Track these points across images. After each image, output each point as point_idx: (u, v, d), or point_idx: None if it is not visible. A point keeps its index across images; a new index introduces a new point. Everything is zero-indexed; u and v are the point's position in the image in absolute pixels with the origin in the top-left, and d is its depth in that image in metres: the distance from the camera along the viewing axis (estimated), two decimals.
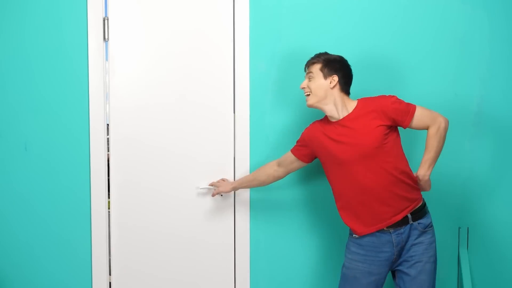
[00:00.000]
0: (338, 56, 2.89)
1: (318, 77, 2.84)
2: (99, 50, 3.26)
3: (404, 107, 2.79)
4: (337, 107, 2.85)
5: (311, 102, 2.87)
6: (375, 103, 2.81)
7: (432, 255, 2.84)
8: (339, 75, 2.85)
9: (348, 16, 3.32)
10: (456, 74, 3.34)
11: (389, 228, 2.81)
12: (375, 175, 2.76)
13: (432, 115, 2.80)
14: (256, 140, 3.34)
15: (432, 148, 2.79)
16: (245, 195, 3.36)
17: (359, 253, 2.87)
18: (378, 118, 2.77)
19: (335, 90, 2.84)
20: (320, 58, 2.87)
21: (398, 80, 3.04)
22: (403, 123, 2.79)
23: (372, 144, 2.75)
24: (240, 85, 3.34)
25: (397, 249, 2.82)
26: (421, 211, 2.84)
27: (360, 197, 2.79)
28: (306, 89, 2.88)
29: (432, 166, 2.82)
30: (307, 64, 2.91)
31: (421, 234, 2.82)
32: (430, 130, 2.79)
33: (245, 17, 3.32)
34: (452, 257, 3.38)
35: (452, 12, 3.33)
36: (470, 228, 3.37)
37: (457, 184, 3.33)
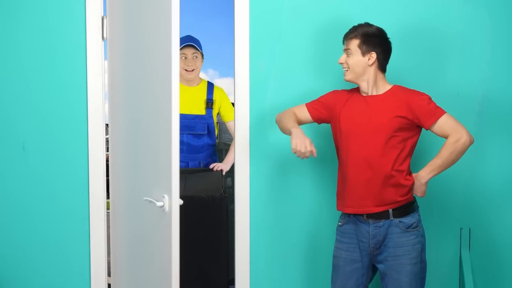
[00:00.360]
0: (378, 29, 2.86)
1: (356, 54, 2.83)
2: (98, 49, 3.24)
3: (432, 108, 2.79)
4: (371, 85, 2.87)
5: (348, 78, 2.89)
6: (406, 95, 2.83)
7: (414, 256, 2.82)
8: (378, 51, 2.84)
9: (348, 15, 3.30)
10: (457, 74, 3.33)
11: (369, 219, 2.83)
12: (373, 159, 2.78)
13: (457, 127, 2.78)
14: (256, 139, 3.34)
15: (442, 156, 2.78)
16: (245, 196, 3.35)
17: (342, 241, 2.92)
18: (402, 109, 2.79)
19: (373, 67, 2.85)
20: (359, 32, 2.84)
21: (396, 80, 3.02)
22: (425, 122, 2.79)
23: (383, 126, 2.77)
24: (240, 83, 3.33)
25: (373, 241, 2.83)
26: (405, 209, 2.83)
27: (352, 174, 2.82)
28: (344, 64, 2.88)
29: (434, 173, 2.81)
30: (345, 37, 2.88)
31: (403, 233, 2.81)
32: (449, 138, 2.78)
33: (245, 15, 3.31)
34: (453, 259, 3.37)
35: (453, 10, 3.33)
36: (472, 229, 3.36)
37: (459, 184, 3.33)
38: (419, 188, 2.83)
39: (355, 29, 2.86)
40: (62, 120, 3.26)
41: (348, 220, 2.91)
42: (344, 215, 2.95)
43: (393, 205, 2.81)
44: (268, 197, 3.36)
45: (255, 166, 3.34)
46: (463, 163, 2.93)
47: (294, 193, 3.36)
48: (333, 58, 3.23)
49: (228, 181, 4.19)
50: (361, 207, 2.83)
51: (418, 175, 2.83)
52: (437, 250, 3.28)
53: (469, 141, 2.78)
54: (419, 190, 2.84)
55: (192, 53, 4.06)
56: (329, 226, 3.33)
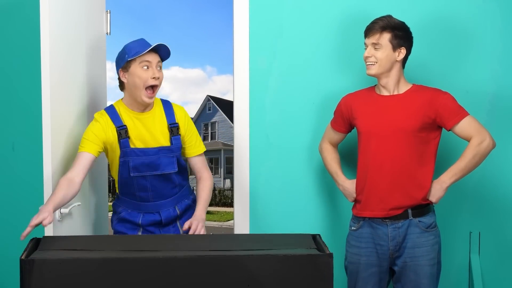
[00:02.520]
0: (403, 23, 2.83)
1: (386, 48, 2.79)
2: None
3: (456, 107, 2.78)
4: (394, 81, 2.84)
5: (374, 72, 2.82)
6: (429, 92, 2.81)
7: (433, 257, 2.83)
8: (406, 47, 2.83)
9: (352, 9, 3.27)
10: (467, 71, 3.29)
11: (386, 220, 2.81)
12: (397, 153, 2.77)
13: (481, 129, 2.77)
14: (256, 139, 3.32)
15: (465, 158, 2.76)
16: (244, 197, 3.29)
17: (358, 246, 2.89)
18: (425, 108, 2.77)
19: (399, 63, 2.83)
20: (389, 25, 2.78)
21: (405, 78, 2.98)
22: (447, 122, 2.76)
23: (406, 127, 2.76)
24: (240, 82, 3.30)
25: (392, 243, 2.82)
26: (423, 208, 2.83)
27: (373, 176, 2.82)
28: (371, 58, 2.81)
29: (456, 177, 2.80)
30: (371, 30, 2.81)
31: (422, 234, 2.81)
32: (472, 140, 2.76)
33: (244, 8, 3.28)
34: (462, 264, 3.34)
35: (462, 5, 3.29)
36: (482, 232, 3.33)
37: (468, 186, 3.29)
38: (437, 193, 2.80)
39: (383, 20, 2.80)
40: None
41: (363, 224, 2.88)
42: (357, 219, 2.91)
43: (413, 206, 2.81)
44: (268, 199, 3.34)
45: (255, 167, 3.32)
46: None
47: (296, 195, 3.34)
48: (337, 54, 3.23)
49: (226, 183, 4.14)
50: (382, 211, 2.81)
51: (440, 179, 2.80)
52: (445, 255, 3.24)
53: (492, 144, 2.77)
54: (437, 196, 2.80)
55: (157, 62, 2.80)
56: (333, 228, 3.31)
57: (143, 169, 2.81)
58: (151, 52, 2.77)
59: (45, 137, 2.53)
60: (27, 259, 1.95)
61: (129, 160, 2.79)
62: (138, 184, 2.83)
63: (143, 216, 2.87)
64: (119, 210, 2.91)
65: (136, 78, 2.74)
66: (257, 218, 3.34)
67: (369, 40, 2.80)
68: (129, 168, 2.79)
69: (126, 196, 2.88)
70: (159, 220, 2.88)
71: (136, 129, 2.81)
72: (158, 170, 2.83)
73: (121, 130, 2.78)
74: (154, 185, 2.85)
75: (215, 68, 69.48)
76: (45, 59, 2.53)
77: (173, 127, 2.87)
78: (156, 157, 2.82)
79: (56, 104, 2.60)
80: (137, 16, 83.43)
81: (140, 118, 2.84)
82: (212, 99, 33.74)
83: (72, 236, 2.49)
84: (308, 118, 3.28)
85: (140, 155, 2.80)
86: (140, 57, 2.74)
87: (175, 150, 2.87)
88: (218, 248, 2.14)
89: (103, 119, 2.78)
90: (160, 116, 2.88)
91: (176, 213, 2.91)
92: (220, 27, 70.44)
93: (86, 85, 3.00)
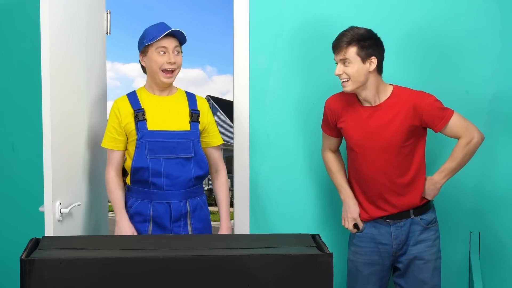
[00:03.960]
0: (369, 31, 2.74)
1: (355, 62, 2.70)
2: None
3: (440, 110, 2.74)
4: (373, 92, 2.77)
5: (350, 89, 2.75)
6: (411, 98, 2.75)
7: (435, 252, 2.86)
8: (377, 55, 2.74)
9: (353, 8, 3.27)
10: (466, 71, 3.29)
11: (389, 220, 2.83)
12: (386, 166, 2.77)
13: (467, 127, 2.76)
14: (256, 139, 3.32)
15: (456, 158, 2.77)
16: (244, 197, 3.29)
17: (360, 245, 2.90)
18: (410, 116, 2.73)
19: (373, 73, 2.75)
20: (353, 38, 2.70)
21: (404, 78, 2.99)
22: (435, 127, 2.76)
23: (393, 140, 2.74)
24: (240, 82, 3.30)
25: (395, 242, 2.84)
26: (424, 206, 2.85)
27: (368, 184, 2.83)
28: (343, 75, 2.75)
29: (448, 177, 2.82)
30: (337, 46, 2.74)
31: (424, 230, 2.84)
32: (460, 140, 2.76)
33: (244, 8, 3.28)
34: (462, 264, 3.35)
35: (462, 5, 3.28)
36: (482, 232, 3.34)
37: (468, 186, 3.30)
38: (432, 192, 2.83)
39: (347, 35, 2.71)
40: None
41: (366, 224, 2.89)
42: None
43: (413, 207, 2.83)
44: (268, 199, 3.34)
45: (255, 167, 3.32)
46: (472, 164, 2.92)
47: (296, 195, 3.35)
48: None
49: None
50: (380, 213, 2.84)
51: (433, 179, 2.81)
52: (445, 255, 3.24)
53: (481, 139, 2.77)
54: (432, 194, 2.84)
55: (174, 47, 2.86)
56: (333, 228, 3.31)
57: (159, 152, 2.83)
58: (168, 37, 2.84)
59: (45, 137, 2.53)
60: (27, 259, 1.95)
61: (145, 141, 2.81)
62: (153, 169, 2.82)
63: (153, 207, 2.84)
64: (130, 202, 2.89)
65: (153, 63, 2.83)
66: (257, 218, 3.35)
67: (337, 57, 2.74)
68: (146, 149, 2.81)
69: (137, 185, 2.86)
70: (168, 212, 2.86)
71: (155, 111, 2.87)
72: (174, 153, 2.85)
73: (138, 112, 2.84)
74: (169, 171, 2.85)
75: (215, 68, 69.37)
76: (45, 59, 2.52)
77: (194, 113, 2.93)
78: (173, 141, 2.86)
79: (56, 104, 2.60)
80: (137, 16, 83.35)
81: (161, 101, 2.91)
82: (212, 99, 33.67)
83: (72, 236, 2.49)
84: (307, 118, 3.28)
85: (156, 137, 2.83)
86: (156, 42, 2.82)
87: (193, 136, 2.90)
88: (218, 248, 2.14)
89: (118, 104, 2.88)
90: (182, 101, 2.95)
91: (186, 209, 2.89)
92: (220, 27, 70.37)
93: (86, 85, 3.00)
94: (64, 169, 2.71)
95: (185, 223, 2.90)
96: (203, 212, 2.95)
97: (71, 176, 2.82)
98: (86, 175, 3.00)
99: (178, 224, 2.88)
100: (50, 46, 2.53)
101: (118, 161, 2.89)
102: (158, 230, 2.85)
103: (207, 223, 2.98)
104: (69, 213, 2.70)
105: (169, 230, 2.87)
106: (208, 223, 2.99)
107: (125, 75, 65.91)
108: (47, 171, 2.54)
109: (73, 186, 2.84)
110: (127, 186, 2.92)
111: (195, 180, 2.91)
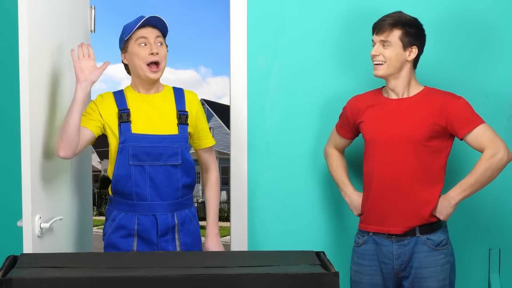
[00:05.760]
0: (415, 19, 2.82)
1: (396, 46, 2.77)
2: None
3: (469, 114, 2.77)
4: (404, 84, 2.83)
5: (382, 73, 2.81)
6: (440, 97, 2.80)
7: (443, 278, 2.80)
8: (418, 46, 2.82)
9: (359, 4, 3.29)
10: (486, 72, 3.30)
11: (391, 237, 2.82)
12: (402, 168, 2.77)
13: (495, 140, 2.75)
14: (255, 147, 3.33)
15: (476, 172, 2.74)
16: (242, 211, 3.30)
17: (362, 263, 2.90)
18: (436, 113, 2.76)
19: (410, 63, 2.82)
20: (400, 21, 2.77)
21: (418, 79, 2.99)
22: (459, 130, 2.76)
23: (413, 133, 2.76)
24: (237, 84, 3.31)
25: (397, 262, 2.82)
26: (433, 224, 2.82)
27: (376, 188, 2.83)
28: (379, 57, 2.80)
29: (466, 193, 2.77)
30: (381, 26, 2.79)
31: (431, 252, 2.80)
32: (485, 152, 2.74)
33: (242, 4, 3.30)
34: (481, 282, 3.36)
35: (481, 2, 3.30)
36: (502, 249, 3.35)
37: (487, 199, 3.30)
38: (445, 210, 2.79)
39: (393, 16, 2.79)
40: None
41: (367, 240, 2.89)
42: (362, 233, 2.92)
43: (420, 223, 2.80)
44: (268, 212, 3.35)
45: (254, 178, 3.34)
46: None
47: (298, 208, 3.36)
48: (342, 53, 3.26)
49: (222, 195, 4.13)
50: (384, 226, 2.82)
51: (447, 195, 2.79)
52: (463, 273, 3.26)
53: (507, 157, 2.74)
54: (445, 213, 2.79)
55: (155, 37, 2.84)
56: (339, 244, 3.33)
57: (143, 158, 2.82)
58: (147, 27, 2.83)
59: (24, 145, 2.53)
60: (4, 278, 1.94)
61: (128, 146, 2.80)
62: (136, 178, 2.81)
63: (138, 220, 2.84)
64: (113, 215, 2.87)
65: (134, 57, 2.83)
66: (256, 234, 3.36)
67: (378, 37, 2.80)
68: (128, 155, 2.80)
69: (120, 196, 2.86)
70: (155, 226, 2.85)
71: (141, 112, 2.86)
72: (160, 160, 2.84)
73: (123, 113, 2.83)
74: (154, 180, 2.84)
75: (210, 69, 69.51)
76: (24, 59, 2.52)
77: (181, 114, 2.90)
78: (159, 146, 2.84)
79: (35, 107, 2.60)
80: (124, 12, 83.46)
81: (147, 100, 2.90)
82: (206, 103, 33.74)
83: (53, 253, 2.49)
84: (311, 123, 3.30)
85: (141, 141, 2.81)
86: (135, 34, 2.82)
87: (180, 140, 2.87)
88: (213, 266, 2.14)
89: (103, 99, 2.88)
90: (169, 101, 2.93)
91: (174, 222, 2.88)
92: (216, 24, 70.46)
93: (68, 87, 3.01)
94: (44, 180, 2.72)
95: (173, 238, 2.90)
96: (192, 225, 2.95)
97: (52, 188, 2.82)
98: (68, 187, 3.00)
99: (165, 238, 2.87)
100: (28, 45, 2.53)
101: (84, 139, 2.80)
102: (143, 245, 2.84)
103: (197, 237, 2.98)
104: (50, 228, 2.70)
105: (156, 245, 2.86)
106: (197, 237, 2.98)
107: (111, 77, 65.97)
108: (26, 182, 2.53)
109: (54, 198, 2.84)
110: (109, 198, 2.92)
111: (183, 189, 2.90)
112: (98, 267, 2.13)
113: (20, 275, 2.00)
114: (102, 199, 28.91)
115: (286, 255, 2.31)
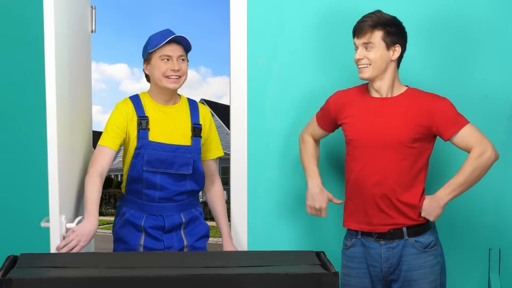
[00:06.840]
0: (394, 17, 2.81)
1: (380, 47, 2.76)
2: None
3: (454, 115, 2.76)
4: (389, 84, 2.82)
5: (369, 75, 2.79)
6: (425, 98, 2.79)
7: (433, 280, 2.80)
8: (401, 44, 2.81)
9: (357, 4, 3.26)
10: (485, 72, 3.30)
11: (379, 239, 2.80)
12: (385, 170, 2.76)
13: (481, 139, 2.74)
14: (255, 147, 3.34)
15: (465, 172, 2.74)
16: (241, 211, 3.32)
17: (350, 266, 2.89)
18: (421, 114, 2.75)
19: (394, 63, 2.82)
20: (379, 22, 2.76)
21: (417, 80, 3.00)
22: (445, 132, 2.75)
23: (397, 136, 2.74)
24: (237, 84, 3.32)
25: (386, 265, 2.81)
26: (421, 226, 2.81)
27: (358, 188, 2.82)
28: (364, 60, 2.79)
29: (454, 193, 2.77)
30: (361, 29, 2.78)
31: (419, 254, 2.79)
32: (472, 152, 2.74)
33: (242, 5, 3.30)
34: (481, 283, 3.36)
35: (481, 2, 3.30)
36: (502, 249, 3.34)
37: (487, 199, 3.31)
38: (434, 210, 2.77)
39: (372, 18, 2.77)
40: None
41: (355, 243, 2.88)
42: (350, 236, 2.92)
43: (405, 225, 2.79)
44: (268, 213, 3.36)
45: (254, 178, 3.34)
46: (491, 176, 2.92)
47: (298, 209, 3.34)
48: (341, 53, 3.25)
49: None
50: (367, 225, 2.82)
51: (436, 196, 2.78)
52: (463, 273, 3.28)
53: (495, 156, 2.74)
54: (434, 214, 2.78)
55: (178, 55, 2.96)
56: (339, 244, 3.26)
57: (156, 165, 2.93)
58: (172, 44, 2.95)
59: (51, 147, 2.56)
60: (4, 278, 1.94)
61: (144, 153, 2.90)
62: (148, 181, 2.92)
63: (145, 218, 2.95)
64: (123, 210, 3.00)
65: (156, 70, 2.93)
66: (256, 234, 3.36)
67: (359, 40, 2.78)
68: (143, 161, 2.90)
69: (131, 195, 2.98)
70: (162, 225, 2.96)
71: (159, 122, 2.97)
72: (172, 168, 2.95)
73: (142, 120, 2.93)
74: (164, 185, 2.96)
75: (210, 69, 69.54)
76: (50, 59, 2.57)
77: (196, 127, 3.04)
78: (172, 155, 2.96)
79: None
80: (124, 12, 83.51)
81: (165, 110, 3.01)
82: (206, 103, 33.77)
83: (54, 253, 2.50)
84: None
85: (157, 149, 2.93)
86: (160, 50, 2.93)
87: (193, 152, 3.00)
88: (213, 266, 2.15)
89: (126, 107, 2.96)
90: (185, 112, 3.06)
91: (181, 220, 3.01)
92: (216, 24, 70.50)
93: (68, 87, 3.01)
94: (67, 180, 2.77)
95: (179, 233, 3.01)
96: (199, 222, 3.07)
97: (72, 187, 2.88)
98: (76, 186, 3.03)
99: (171, 235, 2.98)
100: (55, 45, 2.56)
101: (109, 160, 2.91)
102: (151, 240, 2.94)
103: (204, 234, 3.09)
104: None
105: (162, 242, 2.96)
106: (204, 233, 3.09)
107: (111, 77, 66.02)
108: (53, 182, 2.58)
109: (73, 198, 2.89)
110: (121, 194, 3.04)
111: (190, 193, 3.04)
112: (98, 267, 2.14)
113: (20, 275, 2.00)
114: (102, 199, 28.98)
115: (286, 255, 2.32)
